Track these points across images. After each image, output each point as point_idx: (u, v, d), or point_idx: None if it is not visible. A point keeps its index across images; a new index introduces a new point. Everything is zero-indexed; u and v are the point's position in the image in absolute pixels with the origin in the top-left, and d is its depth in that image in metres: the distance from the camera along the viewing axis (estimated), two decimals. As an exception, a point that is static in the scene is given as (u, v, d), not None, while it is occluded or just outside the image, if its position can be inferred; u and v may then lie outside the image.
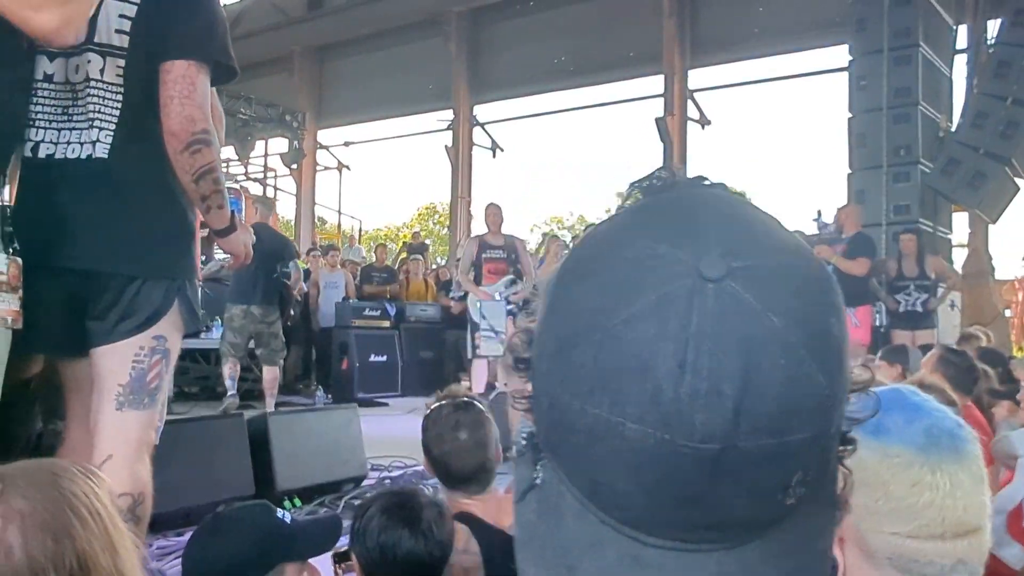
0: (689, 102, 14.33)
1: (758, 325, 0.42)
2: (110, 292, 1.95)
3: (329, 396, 9.20)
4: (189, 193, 2.00)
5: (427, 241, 19.76)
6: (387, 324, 10.16)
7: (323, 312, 10.40)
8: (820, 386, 0.43)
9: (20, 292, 1.79)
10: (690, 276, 0.42)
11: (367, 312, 10.06)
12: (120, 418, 1.95)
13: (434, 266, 14.03)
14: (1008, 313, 10.77)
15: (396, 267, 12.37)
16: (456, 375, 11.66)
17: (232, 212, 2.14)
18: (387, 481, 4.43)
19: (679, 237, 0.45)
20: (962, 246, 10.12)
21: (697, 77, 14.46)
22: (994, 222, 9.15)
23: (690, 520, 0.44)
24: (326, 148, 19.01)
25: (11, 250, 1.79)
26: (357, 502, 3.96)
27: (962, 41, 10.06)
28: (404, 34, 16.79)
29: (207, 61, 1.98)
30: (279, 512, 1.69)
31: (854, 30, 9.37)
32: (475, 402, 2.10)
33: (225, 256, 2.25)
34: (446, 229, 29.20)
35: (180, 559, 3.14)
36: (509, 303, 7.41)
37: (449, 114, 16.78)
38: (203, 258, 2.50)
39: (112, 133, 1.96)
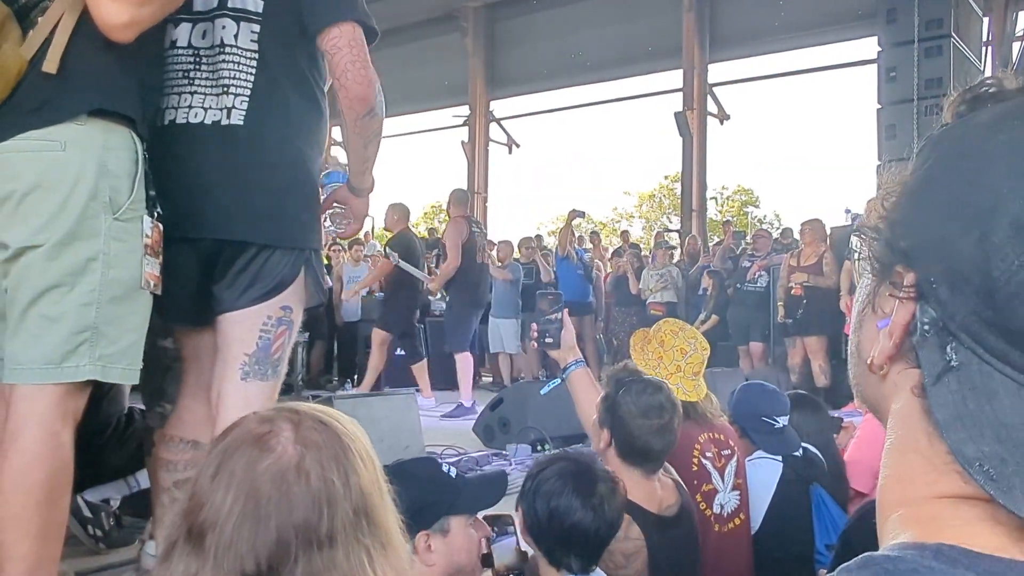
0: (708, 97, 14.28)
1: None
2: (241, 260, 1.93)
3: (356, 390, 9.16)
4: (354, 156, 1.99)
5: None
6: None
7: (346, 307, 10.35)
8: None
9: (161, 257, 1.78)
10: None
11: (393, 306, 9.99)
12: (244, 388, 1.93)
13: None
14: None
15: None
16: (477, 369, 11.65)
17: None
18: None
19: None
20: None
21: (717, 71, 14.42)
22: (1026, 213, 9.09)
23: None
24: (340, 144, 18.97)
25: (156, 215, 1.77)
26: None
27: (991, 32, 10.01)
28: (420, 29, 16.74)
29: (362, 22, 1.95)
30: (445, 466, 1.66)
31: (884, 21, 9.32)
32: (658, 381, 2.10)
33: (330, 227, 2.23)
34: (453, 227, 29.16)
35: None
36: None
37: (465, 110, 16.74)
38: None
39: (247, 100, 1.93)
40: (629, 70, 15.22)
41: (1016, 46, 9.77)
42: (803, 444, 3.03)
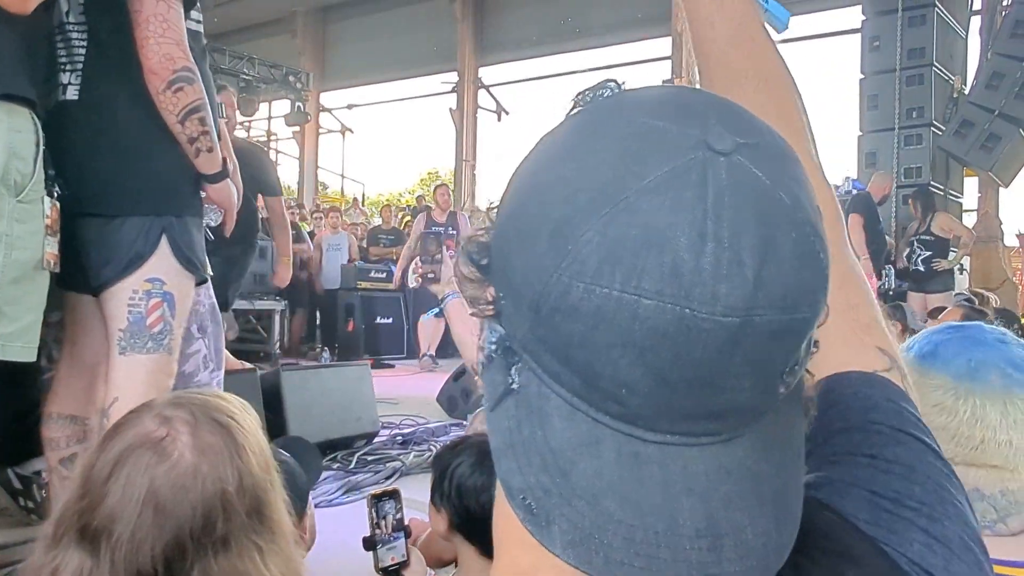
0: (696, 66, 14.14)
1: (770, 200, 0.42)
2: (91, 232, 1.92)
3: (335, 358, 9.20)
4: (176, 135, 1.94)
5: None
6: (393, 286, 10.12)
7: (325, 274, 10.35)
8: (823, 265, 0.43)
9: (59, 236, 1.79)
10: (699, 149, 0.42)
11: (373, 274, 10.03)
12: (124, 362, 1.93)
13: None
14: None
15: (402, 229, 12.30)
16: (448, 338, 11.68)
17: (224, 157, 2.07)
18: (399, 438, 4.42)
19: (678, 114, 0.44)
20: (972, 211, 10.03)
21: (705, 39, 14.26)
22: (1007, 185, 9.04)
23: (696, 407, 0.42)
24: (329, 111, 18.84)
25: (54, 194, 1.78)
26: (371, 459, 3.97)
27: (978, 2, 9.89)
28: (408, -6, 16.58)
29: None
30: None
31: (868, -11, 9.20)
32: None
33: (211, 207, 2.19)
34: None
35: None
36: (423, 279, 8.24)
37: (454, 76, 16.60)
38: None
39: (80, 74, 1.92)
40: (618, 37, 15.07)
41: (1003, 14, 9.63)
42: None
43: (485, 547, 1.65)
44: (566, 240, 0.41)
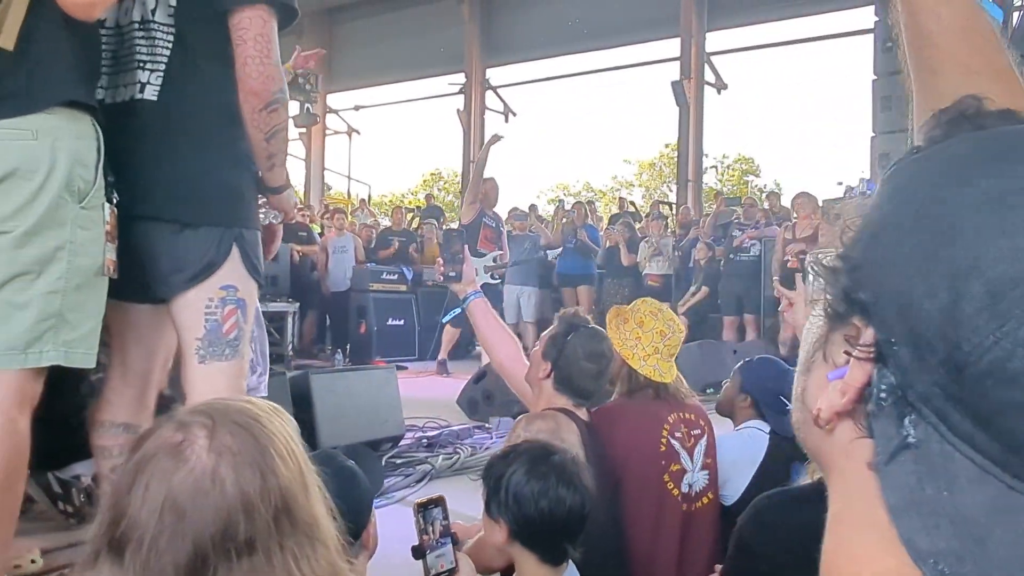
0: (706, 66, 14.16)
1: None
2: (161, 240, 1.90)
3: (347, 360, 9.19)
4: (257, 150, 1.94)
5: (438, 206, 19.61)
6: (404, 288, 10.12)
7: (333, 277, 10.33)
8: None
9: (117, 242, 1.79)
10: None
11: (385, 276, 10.02)
12: (205, 371, 1.92)
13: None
14: None
15: (412, 231, 12.28)
16: (472, 340, 11.67)
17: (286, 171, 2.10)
18: (424, 441, 4.40)
19: None
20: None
21: (715, 40, 14.27)
22: (1021, 186, 9.04)
23: None
24: (336, 112, 18.83)
25: (112, 200, 1.77)
26: (395, 460, 3.96)
27: None
28: (416, -5, 16.58)
29: (275, 4, 1.89)
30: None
31: (881, -10, 9.19)
32: (602, 331, 2.25)
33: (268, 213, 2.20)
34: (451, 195, 29.06)
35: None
36: (495, 278, 8.13)
37: (461, 78, 16.59)
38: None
39: (161, 75, 1.89)
40: (627, 38, 15.07)
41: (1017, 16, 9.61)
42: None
43: (545, 554, 1.67)
44: (1013, 303, 0.39)
